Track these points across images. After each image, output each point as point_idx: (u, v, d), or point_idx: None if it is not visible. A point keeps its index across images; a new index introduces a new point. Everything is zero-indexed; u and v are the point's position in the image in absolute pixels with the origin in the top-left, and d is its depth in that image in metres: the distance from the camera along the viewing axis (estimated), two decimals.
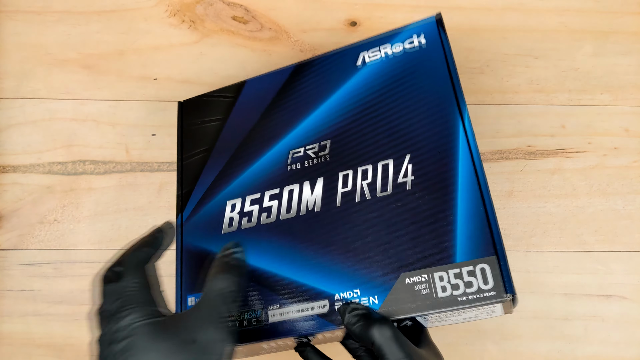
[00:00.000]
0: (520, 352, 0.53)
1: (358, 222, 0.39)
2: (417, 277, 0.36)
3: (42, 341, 0.52)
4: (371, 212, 0.38)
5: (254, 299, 0.39)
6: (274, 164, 0.43)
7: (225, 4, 0.56)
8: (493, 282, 0.34)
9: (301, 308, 0.38)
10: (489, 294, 0.34)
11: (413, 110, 0.40)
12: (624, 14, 0.57)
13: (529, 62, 0.56)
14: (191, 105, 0.48)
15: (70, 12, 0.55)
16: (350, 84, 0.43)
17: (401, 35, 0.43)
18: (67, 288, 0.52)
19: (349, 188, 0.40)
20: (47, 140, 0.54)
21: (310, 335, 0.38)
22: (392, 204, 0.38)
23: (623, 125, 0.56)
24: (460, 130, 0.38)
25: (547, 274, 0.54)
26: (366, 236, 0.38)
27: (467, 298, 0.34)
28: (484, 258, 0.35)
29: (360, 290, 0.37)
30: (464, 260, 0.35)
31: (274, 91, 0.46)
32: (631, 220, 0.54)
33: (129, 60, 0.55)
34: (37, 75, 0.54)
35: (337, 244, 0.39)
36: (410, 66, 0.42)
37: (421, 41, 0.42)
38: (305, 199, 0.41)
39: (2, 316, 0.52)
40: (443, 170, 0.37)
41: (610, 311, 0.53)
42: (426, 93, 0.40)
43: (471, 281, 0.34)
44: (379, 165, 0.39)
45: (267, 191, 0.42)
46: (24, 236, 0.53)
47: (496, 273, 0.34)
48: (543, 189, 0.55)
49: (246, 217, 0.42)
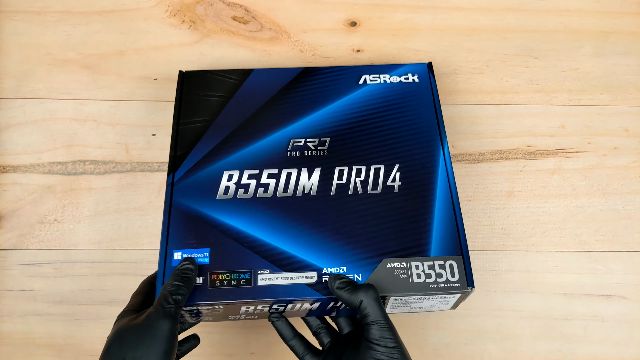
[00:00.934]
0: (520, 352, 0.53)
1: (350, 211, 0.44)
2: (397, 264, 0.43)
3: (42, 341, 0.52)
4: (362, 204, 0.44)
5: (244, 262, 0.42)
6: (275, 147, 0.47)
7: (225, 4, 0.56)
8: (458, 276, 0.42)
9: (290, 276, 0.42)
10: (454, 285, 0.42)
11: (404, 130, 0.47)
12: (624, 14, 0.57)
13: (529, 62, 0.56)
14: (194, 78, 0.50)
15: (71, 12, 0.55)
16: (352, 97, 0.49)
17: (399, 70, 0.50)
18: (67, 288, 0.52)
19: (343, 181, 0.45)
20: (48, 140, 0.54)
21: (291, 302, 0.42)
22: (381, 201, 0.45)
23: (623, 125, 0.56)
24: (441, 154, 0.47)
25: (547, 274, 0.54)
26: (356, 224, 0.44)
27: (437, 286, 0.42)
28: (452, 256, 0.43)
29: (346, 267, 0.42)
30: (436, 255, 0.43)
31: (279, 85, 0.50)
32: (631, 220, 0.54)
33: (129, 60, 0.55)
34: (37, 75, 0.54)
35: (328, 225, 0.44)
36: (405, 94, 0.49)
37: (415, 79, 0.50)
38: (302, 183, 0.45)
39: (2, 316, 0.52)
40: (425, 182, 0.45)
41: (610, 311, 0.53)
42: (416, 119, 0.48)
43: (441, 273, 0.42)
44: (372, 168, 0.46)
45: (266, 169, 0.46)
46: (24, 236, 0.53)
47: (461, 269, 0.42)
48: (543, 189, 0.55)
49: (243, 189, 0.45)
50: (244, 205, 0.44)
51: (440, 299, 0.43)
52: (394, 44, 0.56)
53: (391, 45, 0.56)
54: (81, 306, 0.52)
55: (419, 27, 0.56)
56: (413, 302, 0.43)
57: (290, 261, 0.42)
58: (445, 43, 0.56)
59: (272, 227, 0.44)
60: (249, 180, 0.45)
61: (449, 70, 0.56)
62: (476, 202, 0.54)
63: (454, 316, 0.54)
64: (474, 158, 0.55)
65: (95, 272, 0.53)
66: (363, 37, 0.56)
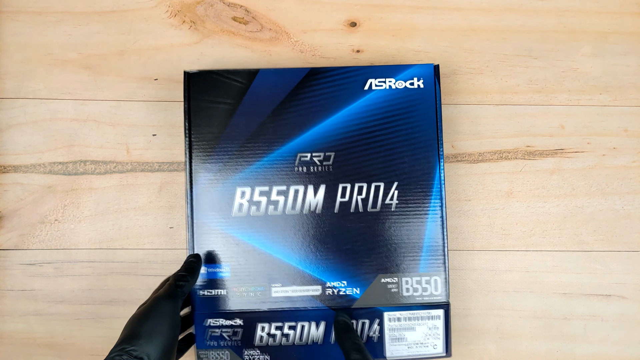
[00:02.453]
0: (520, 352, 0.53)
1: (350, 229, 0.49)
2: (390, 279, 0.49)
3: (42, 340, 0.52)
4: (362, 222, 0.49)
5: (259, 276, 0.49)
6: (283, 162, 0.50)
7: (225, 4, 0.56)
8: (441, 289, 0.49)
9: (299, 289, 0.49)
10: (437, 297, 0.49)
11: (405, 145, 0.50)
12: (623, 14, 0.57)
13: (528, 63, 0.56)
14: (200, 79, 0.50)
15: (71, 12, 0.56)
16: (357, 104, 0.50)
17: (405, 74, 0.51)
18: (67, 287, 0.53)
19: (346, 199, 0.50)
20: (48, 141, 0.54)
21: (303, 310, 0.49)
22: (379, 220, 0.50)
23: (622, 126, 0.56)
24: (437, 171, 0.50)
25: (547, 274, 0.54)
26: (356, 240, 0.49)
27: (422, 299, 0.49)
28: (437, 272, 0.50)
29: (347, 282, 0.49)
30: (424, 272, 0.49)
31: (287, 89, 0.50)
32: (630, 220, 0.55)
33: (130, 60, 0.55)
34: (38, 75, 0.55)
35: (332, 243, 0.49)
36: (409, 101, 0.51)
37: (420, 84, 0.51)
38: (309, 201, 0.50)
39: (3, 315, 0.52)
40: (420, 202, 0.50)
41: (609, 311, 0.53)
42: (417, 132, 0.50)
43: (427, 287, 0.49)
44: (372, 185, 0.50)
45: (275, 186, 0.50)
46: (25, 236, 0.53)
47: (443, 283, 0.49)
48: (542, 189, 0.55)
49: (255, 206, 0.50)
50: (256, 223, 0.49)
51: (428, 331, 0.49)
52: (394, 44, 0.56)
53: (391, 46, 0.56)
54: (81, 306, 0.52)
55: (418, 28, 0.56)
56: (406, 331, 0.49)
57: (299, 276, 0.49)
58: (445, 43, 0.56)
59: (282, 244, 0.49)
60: (260, 198, 0.49)
61: (449, 70, 0.56)
62: (476, 202, 0.54)
63: (454, 316, 0.54)
64: (473, 158, 0.55)
65: (95, 272, 0.53)
66: (363, 37, 0.56)
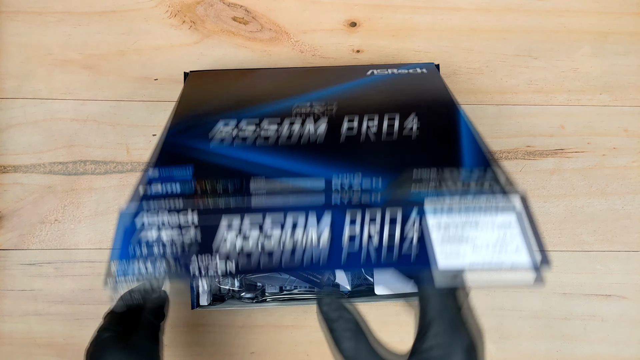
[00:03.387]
0: (520, 351, 0.53)
1: (363, 156, 0.35)
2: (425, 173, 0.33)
3: (43, 341, 0.52)
4: (375, 151, 0.36)
5: (235, 173, 0.34)
6: (279, 108, 0.41)
7: (225, 4, 0.56)
8: (503, 179, 0.35)
9: (292, 180, 0.33)
10: (504, 184, 0.34)
11: (416, 90, 0.43)
12: (623, 14, 0.57)
13: (528, 63, 0.56)
14: (199, 79, 0.48)
15: (71, 12, 0.56)
16: (359, 81, 0.46)
17: (406, 67, 0.49)
18: (68, 288, 0.53)
19: (354, 132, 0.38)
20: (48, 141, 0.54)
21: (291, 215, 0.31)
22: (397, 148, 0.36)
23: (622, 126, 0.56)
24: (461, 112, 0.39)
25: (547, 274, 0.54)
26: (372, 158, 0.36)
27: (480, 187, 0.33)
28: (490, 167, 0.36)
29: (361, 172, 0.34)
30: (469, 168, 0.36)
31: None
32: (630, 220, 0.55)
33: (130, 60, 0.55)
34: (38, 75, 0.55)
35: (338, 164, 0.35)
36: (413, 79, 0.47)
37: (424, 71, 0.48)
38: (308, 133, 0.38)
39: (3, 316, 0.52)
40: (446, 128, 0.38)
41: (609, 311, 0.53)
42: (427, 92, 0.44)
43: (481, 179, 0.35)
44: (386, 117, 0.39)
45: (267, 118, 0.39)
46: (24, 236, 0.53)
47: (504, 175, 0.35)
48: (542, 189, 0.55)
49: (240, 138, 0.38)
50: (241, 152, 0.37)
51: (499, 229, 0.30)
52: (394, 44, 0.56)
53: (391, 46, 0.56)
54: (82, 306, 0.52)
55: (418, 28, 0.56)
56: (465, 226, 0.30)
57: (293, 174, 0.34)
58: (445, 43, 0.56)
59: (272, 164, 0.36)
60: (248, 127, 0.39)
61: (449, 70, 0.56)
62: None
63: None
64: None
65: (95, 272, 0.53)
66: (363, 37, 0.56)
